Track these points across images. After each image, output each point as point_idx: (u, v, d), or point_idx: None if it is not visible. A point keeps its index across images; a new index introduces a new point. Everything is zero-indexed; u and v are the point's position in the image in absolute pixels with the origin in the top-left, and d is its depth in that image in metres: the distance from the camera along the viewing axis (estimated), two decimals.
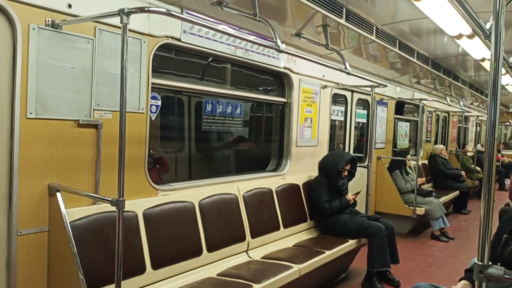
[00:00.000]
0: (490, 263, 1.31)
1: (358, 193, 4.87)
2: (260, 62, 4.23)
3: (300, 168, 4.96)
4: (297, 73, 4.77)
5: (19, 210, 2.46)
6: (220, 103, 4.30)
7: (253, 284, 3.10)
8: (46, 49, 2.53)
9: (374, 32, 4.79)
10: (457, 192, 8.35)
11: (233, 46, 3.84)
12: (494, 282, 1.39)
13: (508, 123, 17.47)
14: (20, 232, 2.47)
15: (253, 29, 3.98)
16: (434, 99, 8.67)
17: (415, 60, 6.17)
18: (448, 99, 8.98)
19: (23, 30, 2.42)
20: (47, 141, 2.57)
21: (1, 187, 2.42)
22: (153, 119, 3.35)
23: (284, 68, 4.57)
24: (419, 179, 6.90)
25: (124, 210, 2.20)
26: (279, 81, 4.81)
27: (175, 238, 3.22)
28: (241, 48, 3.94)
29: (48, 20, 2.52)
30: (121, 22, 2.14)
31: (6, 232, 2.45)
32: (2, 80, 2.39)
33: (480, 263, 1.32)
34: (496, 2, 1.43)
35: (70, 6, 2.60)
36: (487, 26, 2.39)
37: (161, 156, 4.21)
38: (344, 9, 4.12)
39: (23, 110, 2.44)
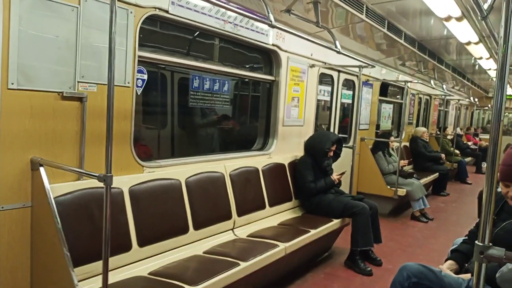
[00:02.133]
0: (490, 244, 1.31)
1: (343, 173, 4.89)
2: (249, 38, 4.13)
3: (286, 148, 4.93)
4: (286, 51, 4.70)
5: (0, 185, 2.37)
6: (207, 79, 4.21)
7: (240, 262, 3.08)
8: (28, 17, 2.39)
9: (364, 11, 4.74)
10: (437, 174, 8.51)
11: (222, 20, 3.74)
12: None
13: (487, 108, 17.83)
14: (2, 208, 2.38)
15: (243, 4, 3.88)
16: (419, 81, 8.73)
17: (402, 41, 6.16)
18: (432, 82, 9.06)
19: None
20: (29, 113, 2.46)
21: None
22: (139, 94, 3.25)
23: (273, 45, 4.49)
24: (401, 161, 6.97)
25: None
26: (267, 59, 4.72)
27: (162, 216, 3.17)
28: (230, 22, 3.84)
29: None
30: None
31: None
32: None
33: (480, 244, 1.32)
34: None
35: None
36: (485, 6, 2.37)
37: (145, 145, 4.13)
38: None
39: (4, 80, 2.32)
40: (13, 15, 2.32)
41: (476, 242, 1.32)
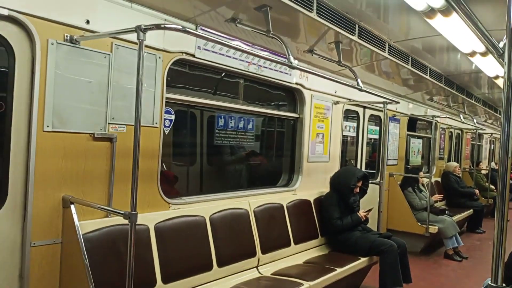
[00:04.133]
0: (504, 284, 1.29)
1: (370, 210, 4.82)
2: (273, 78, 4.27)
3: (311, 184, 4.94)
4: (309, 89, 4.79)
5: (33, 222, 2.49)
6: (233, 117, 4.33)
7: None
8: (64, 63, 2.59)
9: (387, 49, 4.81)
10: (471, 210, 8.22)
11: (246, 62, 3.88)
12: None
13: None
14: (34, 244, 2.50)
15: (266, 45, 4.03)
16: (447, 116, 8.61)
17: (427, 77, 6.16)
18: (461, 116, 8.92)
19: (42, 45, 2.48)
20: (62, 153, 2.61)
21: (16, 199, 2.46)
22: (166, 133, 3.39)
23: (296, 83, 4.60)
24: (435, 195, 6.81)
25: (136, 223, 2.22)
26: (291, 96, 4.83)
27: (186, 252, 3.22)
28: (254, 64, 3.98)
29: (67, 36, 2.58)
30: (138, 38, 2.19)
31: (20, 243, 2.48)
32: (21, 94, 2.45)
33: (493, 284, 1.30)
34: (510, 21, 1.43)
35: (88, 22, 2.67)
36: (501, 44, 2.40)
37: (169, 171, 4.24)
38: (357, 26, 4.15)
39: (40, 123, 2.49)
40: (50, 61, 2.52)
41: (489, 282, 1.30)
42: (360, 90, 4.43)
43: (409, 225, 6.50)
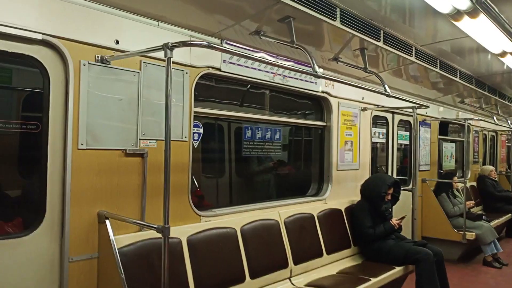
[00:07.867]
0: None
1: (403, 217, 4.72)
2: (298, 87, 4.27)
3: (341, 192, 4.89)
4: (336, 97, 4.77)
5: (70, 238, 2.57)
6: (260, 128, 4.35)
7: None
8: (96, 83, 2.68)
9: (414, 53, 4.74)
10: (509, 215, 7.93)
11: (271, 73, 3.91)
12: None
13: None
14: (72, 259, 2.57)
15: (291, 55, 4.04)
16: (480, 118, 8.38)
17: (457, 79, 6.03)
18: (495, 117, 8.66)
19: (74, 66, 2.58)
20: (96, 170, 2.69)
21: (54, 215, 2.55)
22: (195, 146, 3.43)
23: (323, 92, 4.59)
24: (467, 202, 6.61)
25: (169, 236, 2.25)
26: (318, 105, 4.82)
27: (218, 265, 3.23)
28: (279, 74, 4.00)
29: (98, 56, 2.67)
30: (165, 56, 2.24)
31: (59, 259, 2.56)
32: (56, 113, 2.55)
33: None
34: None
35: (117, 42, 2.76)
36: None
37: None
38: (382, 32, 4.11)
39: (75, 141, 2.58)
40: (82, 81, 2.61)
41: None
42: (388, 96, 4.37)
43: (445, 232, 6.32)
